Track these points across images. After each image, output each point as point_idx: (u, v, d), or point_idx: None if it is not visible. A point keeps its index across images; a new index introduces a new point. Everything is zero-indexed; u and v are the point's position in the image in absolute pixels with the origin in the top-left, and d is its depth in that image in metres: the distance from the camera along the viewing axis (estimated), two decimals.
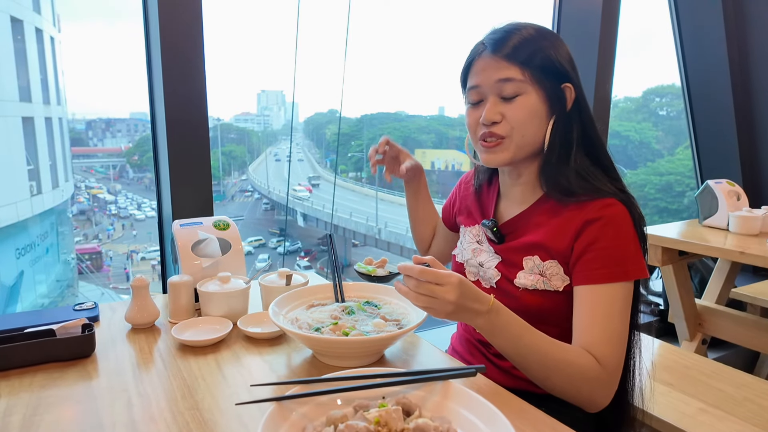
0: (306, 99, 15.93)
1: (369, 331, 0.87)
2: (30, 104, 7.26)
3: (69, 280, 8.57)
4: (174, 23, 1.39)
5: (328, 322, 0.90)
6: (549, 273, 0.94)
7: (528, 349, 0.83)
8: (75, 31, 12.71)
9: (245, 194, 11.85)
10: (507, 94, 0.92)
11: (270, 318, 1.00)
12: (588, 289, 0.88)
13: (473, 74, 0.96)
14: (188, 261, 1.09)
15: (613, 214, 0.89)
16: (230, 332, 0.97)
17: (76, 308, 1.05)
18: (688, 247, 1.86)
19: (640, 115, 9.28)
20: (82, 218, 10.41)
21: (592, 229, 0.89)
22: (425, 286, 0.76)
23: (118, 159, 11.50)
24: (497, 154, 0.95)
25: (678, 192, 7.84)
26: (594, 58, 2.19)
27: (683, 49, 2.80)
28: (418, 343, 0.96)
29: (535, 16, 2.26)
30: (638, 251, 0.90)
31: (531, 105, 0.92)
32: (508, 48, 0.93)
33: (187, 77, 1.43)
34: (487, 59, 0.94)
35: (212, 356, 0.90)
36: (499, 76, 0.92)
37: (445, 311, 0.77)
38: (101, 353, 0.91)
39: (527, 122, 0.93)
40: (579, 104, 0.96)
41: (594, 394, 0.87)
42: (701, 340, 2.10)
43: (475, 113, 0.97)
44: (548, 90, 0.93)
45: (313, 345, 0.87)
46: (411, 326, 0.86)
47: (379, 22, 9.70)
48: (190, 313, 1.04)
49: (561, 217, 0.94)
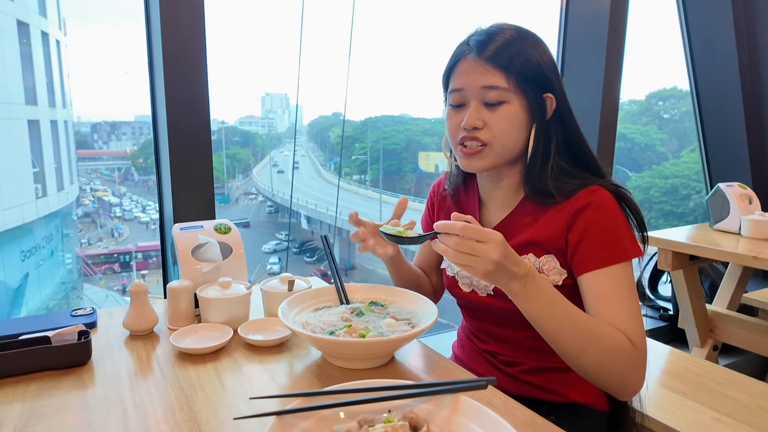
0: (310, 102, 15.95)
1: (384, 332, 0.85)
2: (36, 107, 7.29)
3: (73, 282, 8.59)
4: (176, 26, 1.37)
5: (340, 324, 0.88)
6: (546, 268, 0.93)
7: (563, 319, 0.81)
8: (81, 35, 12.79)
9: (249, 197, 11.85)
10: (490, 101, 0.91)
11: (271, 325, 0.98)
12: (594, 275, 0.88)
13: (457, 76, 0.94)
14: (188, 266, 1.06)
15: (599, 197, 0.90)
16: (230, 339, 0.94)
17: (74, 314, 1.03)
18: (699, 252, 1.82)
19: (645, 118, 9.25)
20: (87, 221, 10.44)
21: (583, 217, 0.89)
22: (467, 243, 0.74)
23: (123, 162, 11.54)
24: (477, 160, 0.94)
25: (683, 195, 7.80)
26: (602, 60, 2.16)
27: (692, 50, 2.77)
28: (422, 350, 0.93)
29: (541, 18, 2.23)
30: (630, 230, 0.91)
31: (513, 114, 0.92)
32: (495, 53, 0.91)
33: (189, 80, 1.41)
34: (472, 62, 0.92)
35: (212, 365, 0.87)
36: (484, 83, 0.91)
37: (485, 270, 0.75)
38: (98, 361, 0.88)
39: (508, 132, 0.92)
40: (560, 111, 0.95)
41: (628, 374, 0.84)
42: (712, 347, 2.05)
43: (457, 116, 0.95)
44: (530, 99, 0.93)
45: (331, 349, 0.85)
46: (425, 325, 0.85)
47: (383, 24, 9.72)
48: (189, 320, 1.02)
49: (549, 212, 0.94)
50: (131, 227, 10.82)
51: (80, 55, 11.00)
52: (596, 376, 0.85)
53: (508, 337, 1.01)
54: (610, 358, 0.82)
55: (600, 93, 2.18)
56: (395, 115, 11.02)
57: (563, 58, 2.30)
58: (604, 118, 2.21)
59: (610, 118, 2.24)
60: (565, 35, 2.28)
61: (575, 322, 0.82)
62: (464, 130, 0.93)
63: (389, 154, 10.43)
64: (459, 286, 1.05)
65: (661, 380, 1.49)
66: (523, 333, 0.94)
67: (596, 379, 0.85)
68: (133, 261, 9.80)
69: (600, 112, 2.20)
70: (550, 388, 0.99)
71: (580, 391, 0.98)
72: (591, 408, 0.99)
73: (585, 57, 2.23)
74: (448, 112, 0.98)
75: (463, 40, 0.97)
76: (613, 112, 2.25)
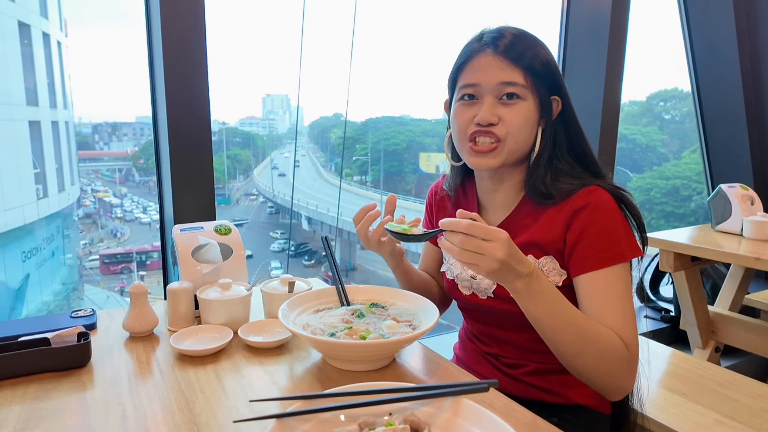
0: (311, 103, 15.95)
1: (385, 333, 0.85)
2: (37, 108, 7.29)
3: (74, 282, 8.59)
4: (176, 27, 1.37)
5: (341, 326, 0.88)
6: (546, 270, 0.93)
7: (564, 319, 0.82)
8: (82, 36, 12.81)
9: (250, 198, 11.85)
10: (507, 97, 0.91)
11: (271, 327, 0.97)
12: (590, 276, 0.88)
13: (472, 71, 0.94)
14: (188, 267, 1.06)
15: (598, 198, 0.89)
16: (231, 341, 0.94)
17: (74, 315, 1.03)
18: (701, 253, 1.82)
19: (645, 118, 9.25)
20: (88, 221, 10.44)
21: (581, 217, 0.89)
22: (473, 241, 0.74)
23: (124, 162, 11.55)
24: (489, 158, 0.94)
25: (684, 196, 7.81)
26: (603, 61, 2.15)
27: (693, 50, 2.76)
28: (423, 352, 0.93)
29: (542, 18, 2.23)
30: (628, 231, 0.90)
31: (527, 111, 0.92)
32: (514, 50, 0.91)
33: (190, 81, 1.41)
34: (489, 58, 0.92)
35: (211, 366, 0.87)
36: (503, 79, 0.91)
37: (490, 268, 0.75)
38: (97, 363, 0.88)
39: (522, 128, 0.92)
40: (565, 114, 0.96)
41: (621, 376, 0.85)
42: (714, 348, 2.05)
43: (469, 111, 0.94)
44: (543, 98, 0.93)
45: (331, 351, 0.84)
46: (426, 327, 0.84)
47: (384, 25, 9.72)
48: (189, 321, 1.01)
49: (548, 212, 0.94)
50: (132, 228, 10.82)
51: (82, 56, 11.02)
52: (590, 376, 0.86)
53: (510, 339, 1.00)
54: (604, 360, 0.83)
55: (601, 94, 2.17)
56: (396, 116, 11.02)
57: (564, 58, 2.30)
58: (605, 119, 2.21)
59: (611, 119, 2.23)
60: (566, 35, 2.28)
61: (574, 323, 0.82)
62: (477, 125, 0.92)
63: (390, 155, 10.43)
64: (459, 289, 1.04)
65: (663, 382, 1.48)
66: (525, 335, 0.94)
67: (589, 379, 0.86)
68: (134, 262, 9.81)
69: (601, 113, 2.19)
70: (552, 389, 0.98)
71: (582, 393, 0.98)
72: (593, 410, 0.99)
73: (586, 57, 2.23)
74: (457, 108, 0.96)
75: (472, 38, 0.97)
76: (615, 113, 2.25)
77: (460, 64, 0.96)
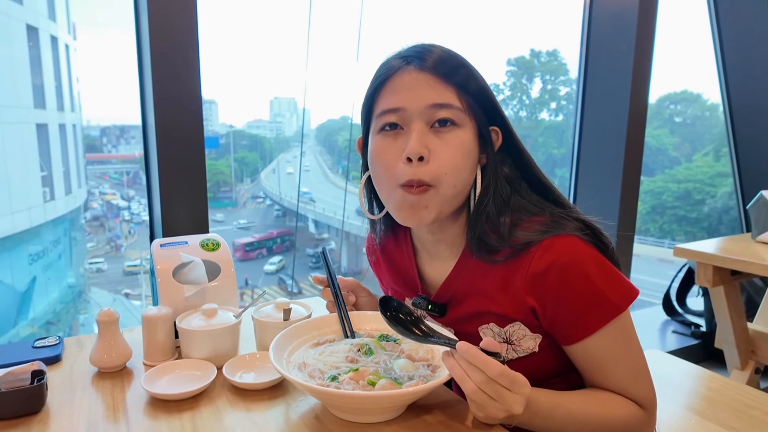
0: (318, 106, 15.92)
1: (399, 377, 0.70)
2: (44, 111, 7.27)
3: (81, 285, 8.55)
4: (164, 17, 1.24)
5: (344, 367, 0.73)
6: (515, 338, 0.77)
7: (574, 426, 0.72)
8: (91, 39, 12.88)
9: (257, 200, 11.79)
10: (440, 123, 0.72)
11: (263, 361, 0.83)
12: (584, 345, 0.73)
13: (393, 92, 0.74)
14: (168, 289, 0.91)
15: (560, 252, 0.71)
16: (214, 381, 0.79)
17: (36, 345, 0.89)
18: (742, 266, 1.65)
19: (656, 122, 9.09)
20: (95, 224, 10.43)
21: (548, 285, 0.71)
22: (495, 387, 0.61)
23: (131, 165, 11.55)
24: (419, 211, 0.73)
25: (697, 200, 7.63)
26: (629, 63, 2.00)
27: (723, 50, 2.61)
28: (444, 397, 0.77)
29: (563, 18, 2.08)
30: (611, 276, 0.72)
31: (466, 142, 0.73)
32: (443, 65, 0.73)
33: (180, 76, 1.28)
34: (414, 75, 0.73)
35: (188, 414, 0.72)
36: (434, 100, 0.72)
37: (496, 416, 0.63)
38: (55, 408, 0.74)
39: (461, 165, 0.73)
40: (510, 146, 0.79)
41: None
42: (754, 369, 1.87)
43: (394, 146, 0.74)
44: (481, 127, 0.75)
45: (333, 401, 0.69)
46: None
47: (391, 28, 9.63)
48: (168, 353, 0.87)
49: (497, 273, 0.76)
50: (140, 231, 10.80)
51: (91, 59, 11.05)
52: None
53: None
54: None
55: (627, 97, 2.03)
56: None
57: (586, 60, 2.14)
58: (632, 123, 2.05)
59: (638, 126, 2.08)
60: (589, 36, 2.13)
61: (585, 423, 0.72)
62: (408, 162, 0.72)
63: None
64: None
65: (703, 411, 1.31)
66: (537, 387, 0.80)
67: None
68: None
69: (627, 117, 2.04)
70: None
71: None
72: None
73: (610, 59, 2.08)
74: (377, 144, 0.76)
75: (389, 56, 0.77)
76: (642, 117, 2.10)
77: (376, 87, 0.76)
